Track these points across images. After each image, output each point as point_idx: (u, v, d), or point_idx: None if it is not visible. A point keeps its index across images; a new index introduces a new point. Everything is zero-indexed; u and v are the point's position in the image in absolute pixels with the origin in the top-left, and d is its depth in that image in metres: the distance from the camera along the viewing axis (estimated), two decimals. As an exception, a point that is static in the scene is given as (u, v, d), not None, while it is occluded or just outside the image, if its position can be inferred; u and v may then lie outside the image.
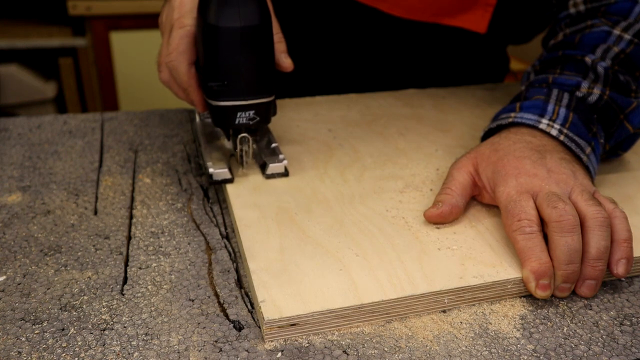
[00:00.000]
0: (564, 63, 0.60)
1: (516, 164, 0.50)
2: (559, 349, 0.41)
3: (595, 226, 0.45)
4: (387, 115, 0.72)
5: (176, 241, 0.51)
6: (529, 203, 0.47)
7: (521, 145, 0.52)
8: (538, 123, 0.54)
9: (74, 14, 1.81)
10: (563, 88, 0.57)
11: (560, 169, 0.50)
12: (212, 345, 0.40)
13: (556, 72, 0.59)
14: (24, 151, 0.66)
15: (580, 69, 0.58)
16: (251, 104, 0.52)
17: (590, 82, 0.57)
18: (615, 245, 0.45)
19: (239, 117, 0.53)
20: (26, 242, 0.50)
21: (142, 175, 0.61)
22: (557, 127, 0.53)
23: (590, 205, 0.46)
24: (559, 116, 0.54)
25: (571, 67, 0.59)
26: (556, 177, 0.49)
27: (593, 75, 0.57)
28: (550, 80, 0.58)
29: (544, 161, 0.50)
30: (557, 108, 0.54)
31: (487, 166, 0.52)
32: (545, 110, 0.54)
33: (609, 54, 0.59)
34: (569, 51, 0.60)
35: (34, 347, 0.40)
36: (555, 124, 0.53)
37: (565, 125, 0.53)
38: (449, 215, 0.50)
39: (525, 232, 0.45)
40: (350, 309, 0.41)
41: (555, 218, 0.44)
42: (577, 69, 0.58)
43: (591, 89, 0.56)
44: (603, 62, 0.58)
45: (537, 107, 0.55)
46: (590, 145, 0.53)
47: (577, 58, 0.59)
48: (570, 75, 0.58)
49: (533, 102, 0.56)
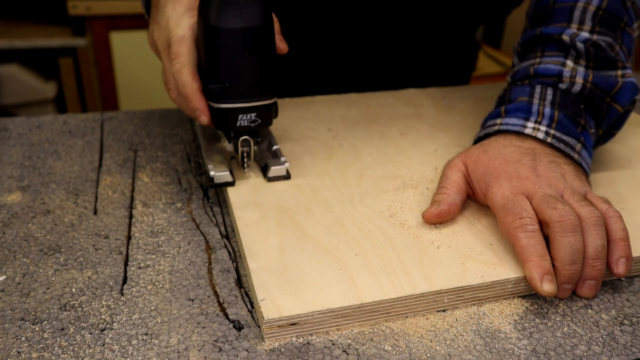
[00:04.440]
0: (543, 44, 0.60)
1: (507, 167, 0.50)
2: (559, 349, 0.40)
3: (590, 226, 0.45)
4: (387, 115, 0.72)
5: (176, 241, 0.51)
6: (527, 202, 0.47)
7: (511, 149, 0.52)
8: (524, 128, 0.54)
9: (74, 14, 1.81)
10: (545, 82, 0.56)
11: (549, 172, 0.50)
12: (212, 345, 0.40)
13: (537, 56, 0.59)
14: (23, 151, 0.66)
15: (561, 47, 0.58)
16: (253, 106, 0.52)
17: (573, 64, 0.56)
18: (613, 245, 0.45)
19: (240, 120, 0.52)
20: (26, 241, 0.50)
21: (142, 174, 0.61)
22: (543, 130, 0.53)
23: (582, 206, 0.46)
24: (545, 116, 0.54)
25: (552, 46, 0.59)
26: (547, 180, 0.49)
27: (575, 51, 0.57)
28: (532, 72, 0.58)
29: (534, 164, 0.50)
30: (541, 108, 0.54)
31: (477, 167, 0.52)
32: (530, 112, 0.54)
33: (587, 15, 0.58)
34: (546, 29, 0.60)
35: (33, 346, 0.39)
36: (542, 126, 0.53)
37: (552, 126, 0.53)
38: (447, 214, 0.50)
39: (527, 229, 0.45)
40: (350, 309, 0.41)
41: (557, 218, 0.44)
42: (558, 48, 0.58)
43: (574, 78, 0.55)
44: (583, 34, 0.57)
45: (522, 110, 0.55)
46: (579, 141, 0.53)
47: (555, 37, 0.59)
48: (552, 56, 0.58)
49: (517, 104, 0.56)
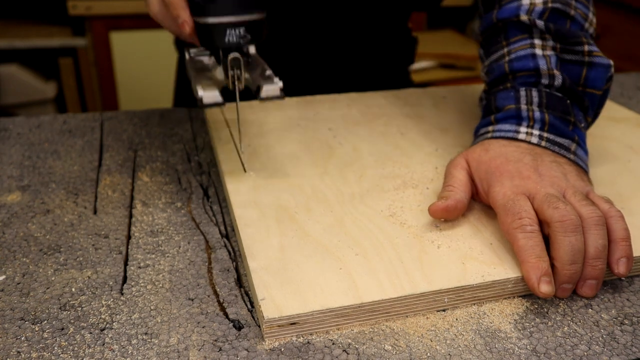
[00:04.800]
0: (505, 30, 0.60)
1: (508, 166, 0.50)
2: (559, 349, 0.40)
3: (591, 225, 0.45)
4: (387, 114, 0.72)
5: (176, 240, 0.51)
6: (527, 202, 0.47)
7: (512, 148, 0.52)
8: (517, 134, 0.54)
9: (74, 14, 1.81)
10: (527, 82, 0.56)
11: (551, 172, 0.50)
12: (212, 345, 0.40)
13: (503, 46, 0.59)
14: (23, 151, 0.66)
15: (523, 29, 0.58)
16: (241, 20, 0.48)
17: (542, 43, 0.56)
18: (614, 245, 0.45)
19: (228, 35, 0.49)
20: (25, 241, 0.50)
21: (142, 174, 0.61)
22: (536, 134, 0.53)
23: (583, 206, 0.46)
24: (536, 120, 0.54)
25: (514, 31, 0.59)
26: (549, 180, 0.49)
27: (537, 31, 0.57)
28: (507, 69, 0.57)
29: (536, 163, 0.50)
30: (531, 113, 0.54)
31: (479, 165, 0.52)
32: (520, 118, 0.54)
33: None
34: (500, 12, 0.60)
35: (33, 346, 0.39)
36: (535, 130, 0.53)
37: (545, 129, 0.53)
38: (454, 210, 0.50)
39: (526, 230, 0.45)
40: (350, 308, 0.41)
41: (558, 218, 0.44)
42: (521, 30, 0.58)
43: (552, 70, 0.55)
44: (537, 7, 0.57)
45: (512, 117, 0.55)
46: (574, 140, 0.53)
47: (514, 20, 0.58)
48: (518, 41, 0.58)
49: (506, 113, 0.55)
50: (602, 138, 0.67)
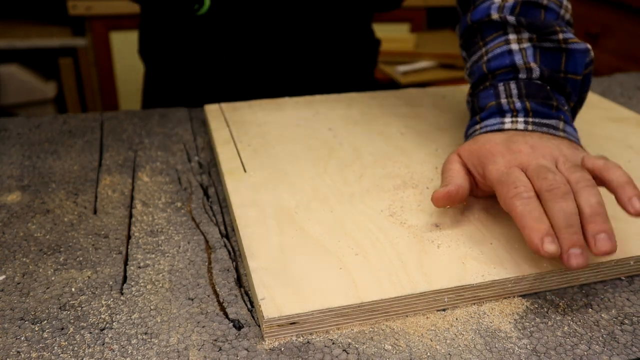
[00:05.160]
0: (481, 31, 0.60)
1: (498, 147, 0.51)
2: (559, 348, 0.40)
3: (580, 188, 0.45)
4: (387, 114, 0.72)
5: (175, 240, 0.51)
6: (521, 173, 0.48)
7: (499, 134, 0.53)
8: (502, 124, 0.54)
9: (73, 14, 1.81)
10: (505, 78, 0.57)
11: (543, 143, 0.51)
12: (212, 344, 0.40)
13: (480, 46, 0.60)
14: (23, 150, 0.66)
15: (496, 26, 0.59)
16: None
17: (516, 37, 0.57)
18: (620, 190, 0.46)
19: None
20: (25, 241, 0.50)
21: (142, 174, 0.61)
22: (521, 120, 0.54)
23: (572, 172, 0.47)
24: (518, 110, 0.54)
25: (488, 30, 0.60)
26: (541, 151, 0.50)
27: (511, 26, 0.58)
28: (485, 69, 0.58)
29: (526, 139, 0.51)
30: (512, 105, 0.55)
31: (470, 154, 0.53)
32: (503, 112, 0.55)
33: None
34: (473, 14, 0.60)
35: (33, 346, 0.39)
36: (519, 118, 0.54)
37: (529, 115, 0.54)
38: (455, 195, 0.50)
39: (523, 197, 0.45)
40: (350, 308, 0.41)
41: (547, 187, 0.45)
42: (494, 28, 0.59)
43: (528, 64, 0.56)
44: (508, 3, 0.58)
45: (495, 113, 0.55)
46: (560, 119, 0.54)
47: (486, 20, 0.59)
48: (493, 39, 0.59)
49: (488, 110, 0.56)
50: (602, 138, 0.67)
